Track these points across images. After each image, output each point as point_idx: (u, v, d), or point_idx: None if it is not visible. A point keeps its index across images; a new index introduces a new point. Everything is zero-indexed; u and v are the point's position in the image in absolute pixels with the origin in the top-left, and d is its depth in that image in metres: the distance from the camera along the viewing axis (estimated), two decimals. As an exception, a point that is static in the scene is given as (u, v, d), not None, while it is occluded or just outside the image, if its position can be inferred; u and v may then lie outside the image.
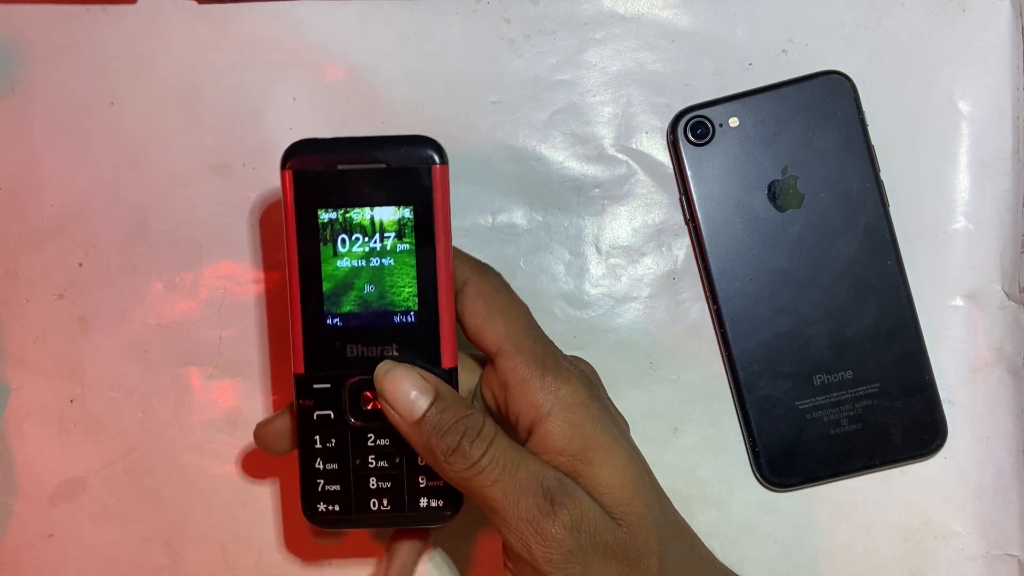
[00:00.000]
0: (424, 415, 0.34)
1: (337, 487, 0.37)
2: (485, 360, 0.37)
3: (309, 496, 0.37)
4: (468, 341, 0.36)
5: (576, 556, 0.33)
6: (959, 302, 0.44)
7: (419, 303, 0.35)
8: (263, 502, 0.44)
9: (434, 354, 0.35)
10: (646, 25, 0.44)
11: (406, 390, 0.34)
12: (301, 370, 0.36)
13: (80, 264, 0.44)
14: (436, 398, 0.34)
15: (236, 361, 0.44)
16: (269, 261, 0.44)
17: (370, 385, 0.35)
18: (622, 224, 0.44)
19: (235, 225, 0.44)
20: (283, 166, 0.35)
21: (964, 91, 0.43)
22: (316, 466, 0.36)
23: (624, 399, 0.39)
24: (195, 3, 0.43)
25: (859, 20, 0.43)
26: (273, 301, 0.44)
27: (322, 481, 0.37)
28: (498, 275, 0.37)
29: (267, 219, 0.44)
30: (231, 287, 0.44)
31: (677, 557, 0.36)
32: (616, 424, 0.36)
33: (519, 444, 0.35)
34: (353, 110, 0.43)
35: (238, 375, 0.44)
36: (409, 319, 0.35)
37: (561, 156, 0.44)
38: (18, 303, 0.44)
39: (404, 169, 0.34)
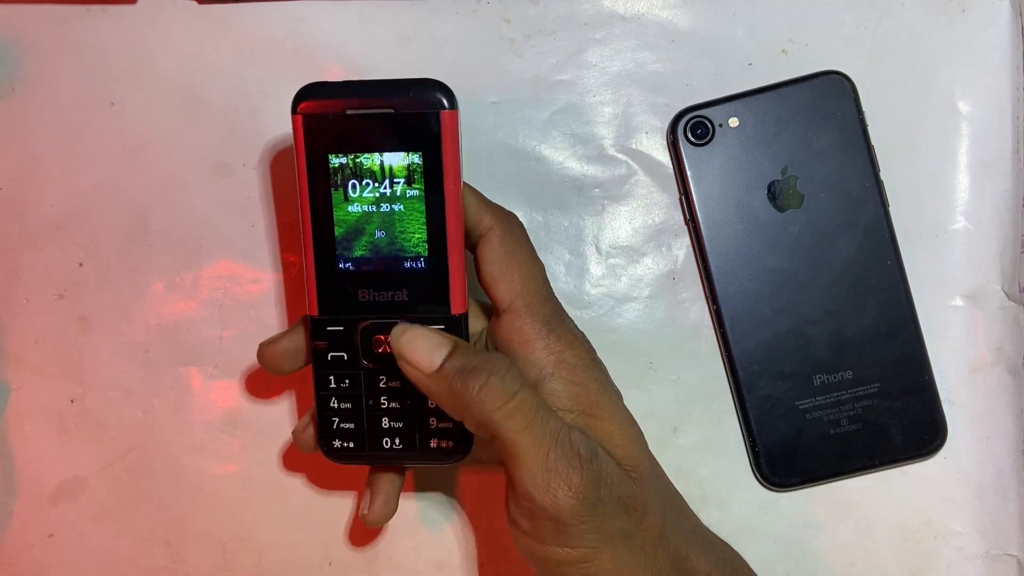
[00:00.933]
0: (444, 363, 0.33)
1: (351, 425, 0.38)
2: (490, 310, 0.37)
3: (325, 432, 0.38)
4: (481, 288, 0.37)
5: (599, 509, 0.33)
6: (959, 302, 0.44)
7: (428, 249, 0.36)
8: (263, 502, 0.44)
9: (443, 299, 0.36)
10: (646, 25, 0.44)
11: (423, 345, 0.34)
12: (315, 312, 0.37)
13: (80, 264, 0.44)
14: (455, 347, 0.34)
15: (236, 361, 0.44)
16: (269, 261, 0.44)
17: (382, 329, 0.36)
18: (622, 224, 0.44)
19: (235, 225, 0.44)
20: (294, 110, 0.35)
21: (964, 91, 0.43)
22: (331, 404, 0.38)
23: (624, 399, 0.39)
24: (195, 3, 0.43)
25: (859, 20, 0.43)
26: (273, 300, 0.44)
27: (337, 419, 0.38)
28: (522, 227, 0.37)
29: (267, 218, 0.44)
30: (231, 287, 0.44)
31: (673, 517, 0.36)
32: (615, 388, 0.37)
33: None
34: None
35: (238, 375, 0.44)
36: (419, 265, 0.36)
37: (561, 156, 0.44)
38: (18, 303, 0.44)
39: (412, 114, 0.35)
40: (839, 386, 0.43)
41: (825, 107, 0.42)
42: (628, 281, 0.44)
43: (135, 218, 0.44)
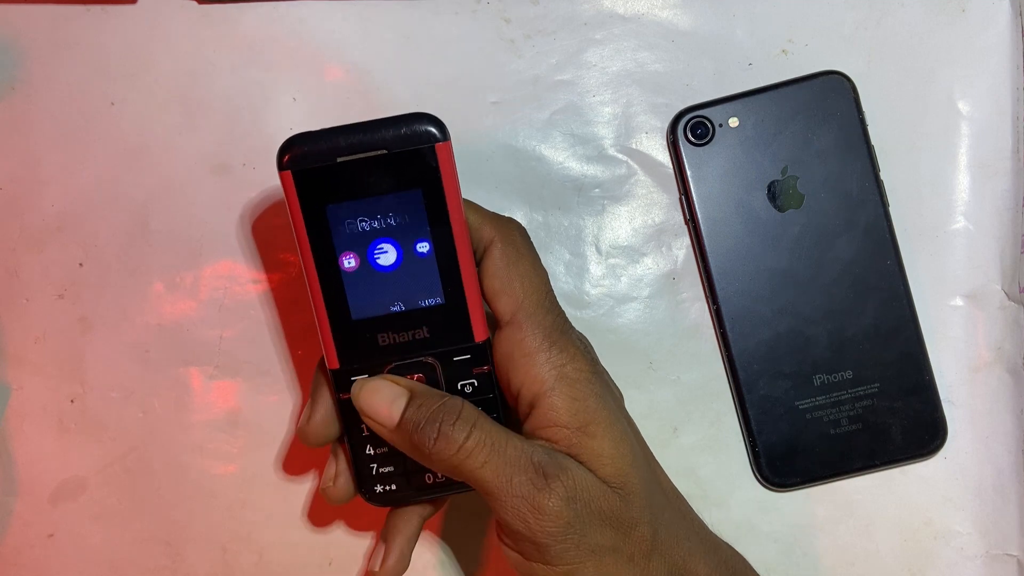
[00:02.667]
0: (402, 416, 0.34)
1: (390, 468, 0.37)
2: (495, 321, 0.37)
3: (366, 480, 0.37)
4: (484, 301, 0.36)
5: (574, 526, 0.33)
6: (959, 302, 0.44)
7: (443, 283, 0.35)
8: (263, 502, 0.44)
9: (465, 330, 0.36)
10: (646, 25, 0.44)
11: (381, 399, 0.34)
12: (336, 365, 0.36)
13: (80, 264, 0.44)
14: (411, 397, 0.34)
15: (236, 361, 0.44)
16: (269, 261, 0.44)
17: (408, 369, 0.36)
18: (622, 224, 0.44)
19: (235, 225, 0.44)
20: (281, 166, 0.34)
21: (964, 91, 0.43)
22: (367, 452, 0.37)
23: (624, 399, 0.39)
24: (195, 3, 0.43)
25: (859, 20, 0.43)
26: (273, 300, 0.44)
27: (375, 465, 0.37)
28: (524, 234, 0.37)
29: (267, 219, 0.44)
30: (231, 287, 0.44)
31: (670, 525, 0.36)
32: (614, 398, 0.37)
33: (517, 417, 0.36)
34: (353, 110, 0.43)
35: (238, 375, 0.44)
36: (436, 300, 0.35)
37: (561, 156, 0.44)
38: (18, 303, 0.44)
39: (406, 152, 0.34)
40: (839, 386, 0.43)
41: (825, 107, 0.42)
42: (628, 281, 0.44)
43: (135, 218, 0.44)
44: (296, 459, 0.44)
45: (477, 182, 0.43)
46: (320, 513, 0.44)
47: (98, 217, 0.44)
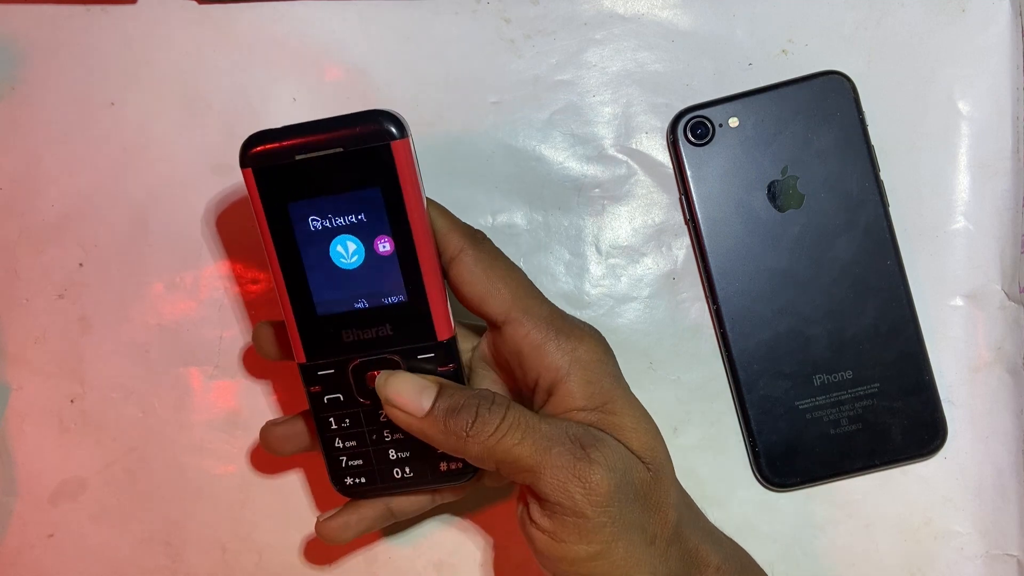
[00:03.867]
0: (433, 405, 0.34)
1: (360, 461, 0.38)
2: (480, 329, 0.38)
3: (336, 472, 0.38)
4: (467, 310, 0.37)
5: (616, 496, 0.33)
6: (959, 302, 0.44)
7: (404, 281, 0.35)
8: (263, 502, 0.44)
9: (428, 328, 0.36)
10: (646, 25, 0.44)
11: (410, 389, 0.35)
12: (303, 359, 0.36)
13: (80, 264, 0.44)
14: (441, 388, 0.35)
15: (236, 361, 0.44)
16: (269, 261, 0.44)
17: (373, 366, 0.36)
18: (622, 224, 0.44)
19: (235, 225, 0.44)
20: (243, 163, 0.34)
21: (964, 91, 0.43)
22: (336, 445, 0.38)
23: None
24: (195, 3, 0.43)
25: (859, 20, 0.43)
26: (273, 301, 0.44)
27: (344, 457, 0.38)
28: (491, 242, 0.37)
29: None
30: (231, 287, 0.44)
31: (686, 512, 0.37)
32: (623, 379, 0.37)
33: (537, 407, 0.36)
34: (353, 110, 0.43)
35: (238, 375, 0.44)
36: (398, 298, 0.35)
37: (561, 156, 0.44)
38: (18, 303, 0.44)
39: (362, 150, 0.34)
40: (839, 386, 0.43)
41: (825, 107, 0.42)
42: (628, 281, 0.44)
43: (135, 218, 0.44)
44: (296, 459, 0.44)
45: (477, 182, 0.43)
46: (320, 513, 0.44)
47: (98, 217, 0.44)
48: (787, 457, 0.43)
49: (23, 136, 0.44)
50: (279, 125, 0.34)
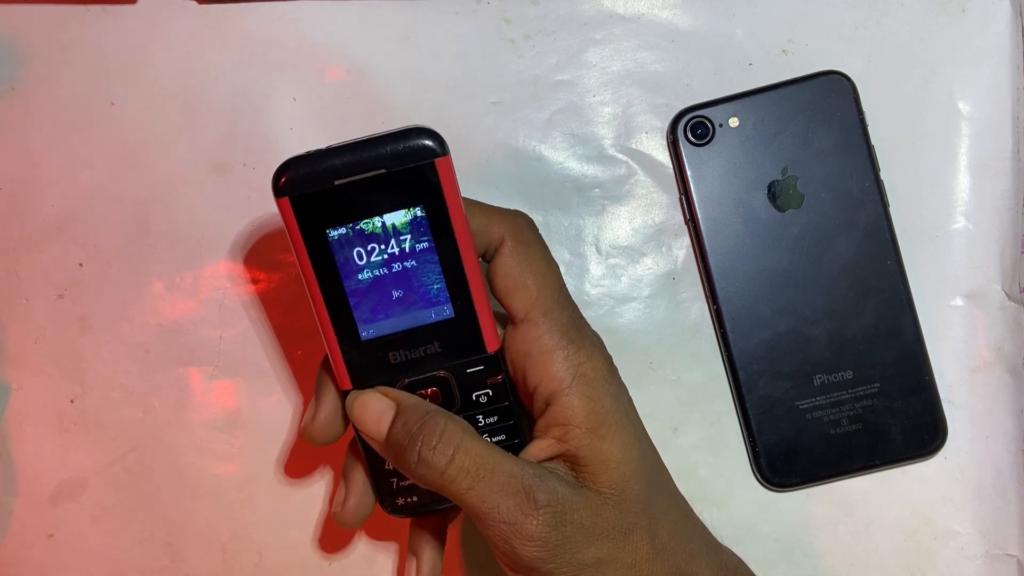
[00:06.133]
0: (389, 432, 0.34)
1: (411, 481, 0.36)
2: (503, 317, 0.37)
3: (387, 495, 0.37)
4: (495, 299, 0.36)
5: (564, 548, 0.33)
6: (959, 302, 0.44)
7: (451, 296, 0.34)
8: (263, 502, 0.44)
9: (477, 342, 0.35)
10: (646, 25, 0.44)
11: (370, 414, 0.34)
12: (348, 387, 0.35)
13: (80, 264, 0.44)
14: (397, 412, 0.34)
15: (236, 361, 0.44)
16: (269, 261, 0.44)
17: (420, 385, 0.35)
18: (622, 224, 0.44)
19: (235, 225, 0.44)
20: (278, 192, 0.33)
21: (964, 91, 0.43)
22: (387, 467, 0.37)
23: (624, 399, 0.39)
24: (195, 3, 0.43)
25: (859, 20, 0.43)
26: (273, 301, 0.44)
27: (395, 480, 0.37)
28: (532, 226, 0.36)
29: (267, 219, 0.44)
30: (231, 287, 0.44)
31: (673, 527, 0.36)
32: (629, 398, 0.37)
33: (532, 413, 0.36)
34: (353, 110, 0.43)
35: (238, 375, 0.44)
36: (445, 314, 0.35)
37: (561, 156, 0.44)
38: (18, 303, 0.44)
39: (406, 170, 0.33)
40: (839, 386, 0.43)
41: (825, 107, 0.42)
42: (628, 281, 0.44)
43: (135, 218, 0.44)
44: (296, 459, 0.44)
45: (477, 182, 0.43)
46: (320, 513, 0.44)
47: (98, 217, 0.44)
48: (787, 457, 0.43)
49: (23, 136, 0.44)
50: (308, 149, 0.33)
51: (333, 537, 0.44)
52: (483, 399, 0.36)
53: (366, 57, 0.43)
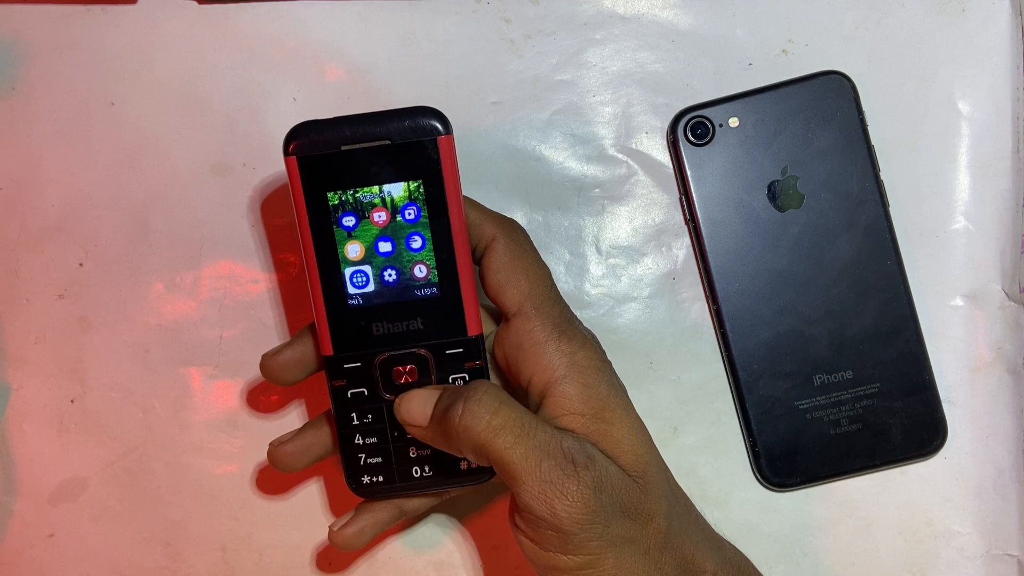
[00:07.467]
0: (436, 405, 0.35)
1: (379, 459, 0.37)
2: (496, 315, 0.38)
3: (353, 470, 0.38)
4: (487, 297, 0.37)
5: (599, 516, 0.33)
6: (959, 302, 0.44)
7: (439, 275, 0.35)
8: (263, 502, 0.44)
9: (459, 324, 0.36)
10: (646, 25, 0.44)
11: (417, 405, 0.35)
12: (330, 352, 0.36)
13: (80, 264, 0.44)
14: (443, 392, 0.35)
15: (236, 361, 0.44)
16: (269, 261, 0.44)
17: (400, 360, 0.36)
18: (622, 224, 0.44)
19: (235, 225, 0.44)
20: (286, 152, 0.34)
21: (964, 91, 0.43)
22: (356, 441, 0.37)
23: (624, 399, 0.39)
24: (195, 3, 0.43)
25: (859, 20, 0.43)
26: (273, 300, 0.44)
27: (364, 455, 0.37)
28: (524, 232, 0.37)
29: (268, 219, 0.44)
30: (231, 287, 0.44)
31: (680, 519, 0.36)
32: (625, 391, 0.37)
33: (532, 409, 0.36)
34: (353, 110, 0.43)
35: (238, 375, 0.44)
36: (431, 292, 0.36)
37: (561, 156, 0.44)
38: (18, 303, 0.44)
39: (410, 144, 0.34)
40: (839, 386, 0.43)
41: (825, 107, 0.42)
42: (628, 281, 0.44)
43: (135, 218, 0.44)
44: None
45: (477, 182, 0.43)
46: (320, 513, 0.44)
47: (98, 217, 0.44)
48: (787, 457, 0.43)
49: (23, 136, 0.44)
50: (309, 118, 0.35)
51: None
52: (460, 382, 0.37)
53: (366, 57, 0.43)
